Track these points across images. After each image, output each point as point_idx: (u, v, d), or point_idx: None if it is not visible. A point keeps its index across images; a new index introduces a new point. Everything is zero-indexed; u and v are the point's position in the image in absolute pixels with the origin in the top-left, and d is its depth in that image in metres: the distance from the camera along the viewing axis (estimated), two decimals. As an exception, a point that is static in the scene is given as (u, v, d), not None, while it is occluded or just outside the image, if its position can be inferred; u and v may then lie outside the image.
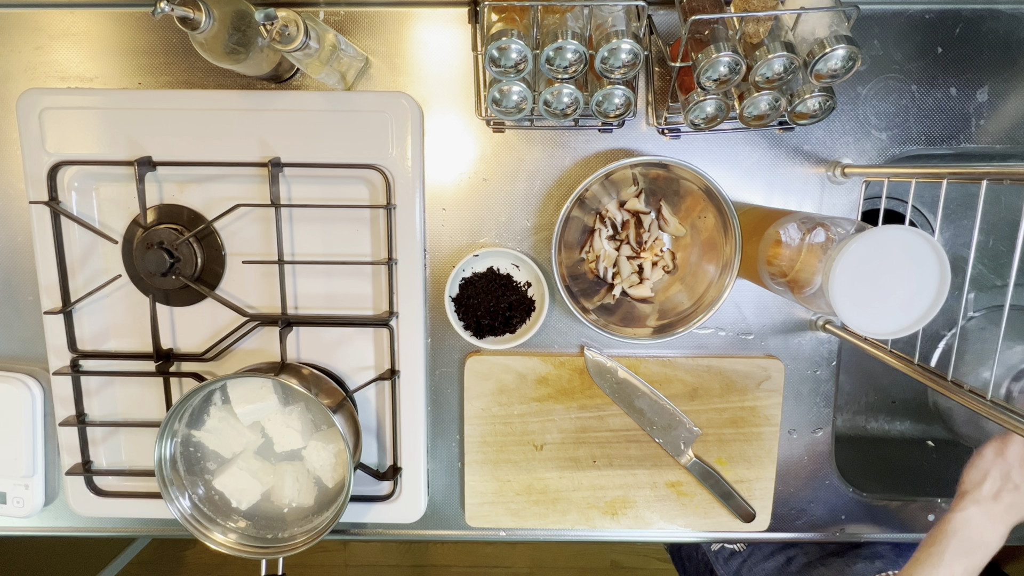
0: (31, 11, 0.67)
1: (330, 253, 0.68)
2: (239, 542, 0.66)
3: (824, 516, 0.75)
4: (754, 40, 0.53)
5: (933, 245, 0.48)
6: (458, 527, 0.75)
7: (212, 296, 0.67)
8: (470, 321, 0.69)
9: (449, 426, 0.73)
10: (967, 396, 0.50)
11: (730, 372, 0.70)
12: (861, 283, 0.48)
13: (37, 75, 0.68)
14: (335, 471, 0.67)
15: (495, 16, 0.55)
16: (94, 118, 0.65)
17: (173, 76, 0.68)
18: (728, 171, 0.69)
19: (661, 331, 0.65)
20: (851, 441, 0.90)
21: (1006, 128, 0.68)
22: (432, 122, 0.68)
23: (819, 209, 0.69)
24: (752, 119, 0.56)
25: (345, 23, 0.67)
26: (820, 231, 0.54)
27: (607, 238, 0.69)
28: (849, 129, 0.68)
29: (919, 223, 0.88)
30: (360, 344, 0.70)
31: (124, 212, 0.67)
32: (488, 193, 0.69)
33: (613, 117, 0.58)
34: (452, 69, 0.67)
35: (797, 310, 0.71)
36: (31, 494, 0.72)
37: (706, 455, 0.72)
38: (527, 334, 0.68)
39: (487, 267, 0.70)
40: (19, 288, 0.71)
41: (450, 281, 0.68)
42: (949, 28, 0.67)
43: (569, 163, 0.69)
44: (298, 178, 0.67)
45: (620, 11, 0.53)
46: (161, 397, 0.69)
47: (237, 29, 0.54)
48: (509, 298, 0.69)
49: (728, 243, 0.63)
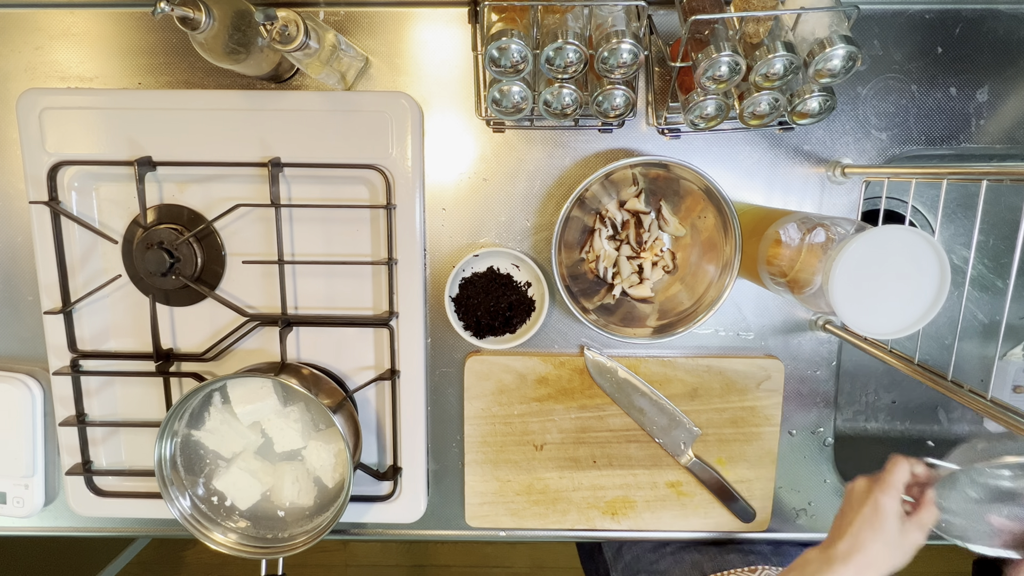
0: (31, 11, 0.67)
1: (330, 253, 0.68)
2: (239, 542, 0.66)
3: (824, 516, 0.75)
4: (754, 40, 0.53)
5: (933, 245, 0.48)
6: (458, 527, 0.75)
7: (212, 296, 0.67)
8: (470, 321, 0.69)
9: (449, 426, 0.73)
10: (967, 396, 0.50)
11: (730, 372, 0.70)
12: (861, 283, 0.48)
13: (37, 75, 0.68)
14: (335, 471, 0.67)
15: (495, 16, 0.55)
16: (94, 118, 0.65)
17: (173, 76, 0.68)
18: (728, 171, 0.69)
19: (661, 331, 0.65)
20: (851, 441, 0.90)
21: (1006, 128, 0.68)
22: (432, 122, 0.68)
23: (819, 209, 0.69)
24: (752, 119, 0.56)
25: (345, 23, 0.67)
26: (820, 231, 0.54)
27: (607, 238, 0.69)
28: (849, 129, 0.68)
29: (919, 223, 0.88)
30: (360, 344, 0.70)
31: (124, 212, 0.67)
32: (488, 193, 0.69)
33: (613, 117, 0.58)
34: (452, 69, 0.67)
35: (797, 310, 0.71)
36: (31, 494, 0.72)
37: (706, 455, 0.72)
38: (527, 334, 0.68)
39: (487, 267, 0.70)
40: (19, 288, 0.71)
41: (450, 281, 0.68)
42: (949, 28, 0.67)
43: (569, 163, 0.69)
44: (298, 178, 0.67)
45: (620, 11, 0.53)
46: (161, 397, 0.69)
47: (237, 29, 0.54)
48: (509, 298, 0.69)
49: (728, 243, 0.63)
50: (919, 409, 0.92)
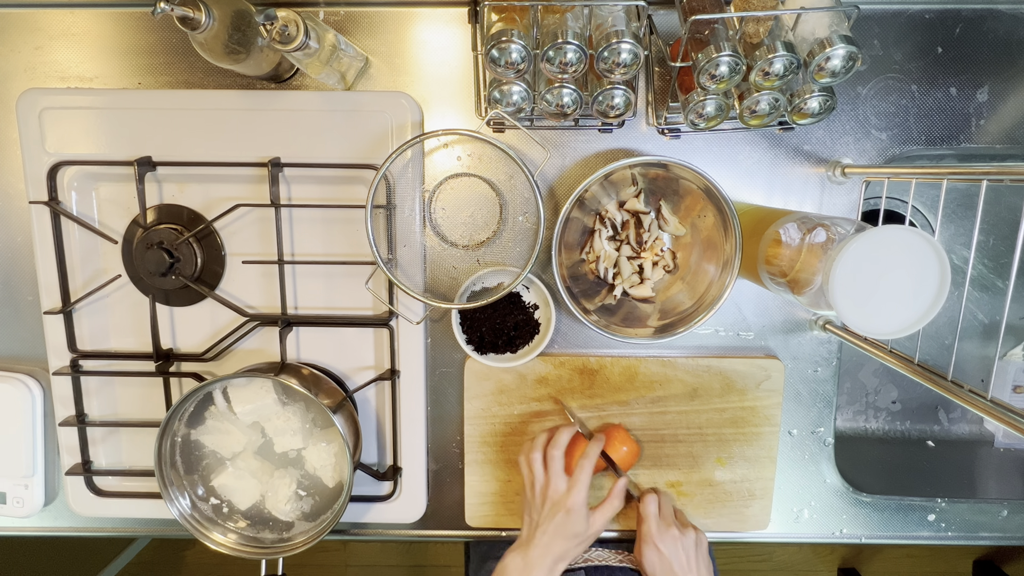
0: (31, 11, 0.67)
1: (330, 253, 0.68)
2: (239, 542, 0.66)
3: (824, 516, 0.75)
4: (754, 40, 0.53)
5: (933, 245, 0.48)
6: (458, 527, 0.75)
7: (212, 296, 0.67)
8: (473, 336, 0.68)
9: (449, 426, 0.73)
10: (967, 396, 0.50)
11: (730, 372, 0.70)
12: (861, 283, 0.48)
13: (37, 75, 0.68)
14: (335, 471, 0.67)
15: (495, 16, 0.55)
16: (94, 118, 0.65)
17: (173, 76, 0.68)
18: (728, 171, 0.69)
19: (663, 331, 0.65)
20: (851, 441, 0.90)
21: (1006, 128, 0.68)
22: (432, 122, 0.68)
23: (819, 209, 0.69)
24: (752, 119, 0.56)
25: (345, 23, 0.67)
26: (820, 231, 0.54)
27: (607, 239, 0.69)
28: (849, 129, 0.68)
29: (919, 223, 0.88)
30: (360, 344, 0.70)
31: (124, 212, 0.67)
32: (488, 193, 0.69)
33: (613, 117, 0.58)
34: (452, 69, 0.67)
35: (797, 310, 0.71)
36: (31, 494, 0.72)
37: (706, 455, 0.72)
38: (529, 355, 0.68)
39: (498, 283, 0.69)
40: (19, 288, 0.71)
41: (459, 295, 0.67)
42: (949, 28, 0.67)
43: (569, 163, 0.69)
44: (298, 178, 0.67)
45: (620, 11, 0.53)
46: (161, 397, 0.69)
47: (237, 29, 0.54)
48: (516, 317, 0.69)
49: (728, 243, 0.63)
50: (919, 409, 0.92)
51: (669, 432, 0.72)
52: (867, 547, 1.66)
